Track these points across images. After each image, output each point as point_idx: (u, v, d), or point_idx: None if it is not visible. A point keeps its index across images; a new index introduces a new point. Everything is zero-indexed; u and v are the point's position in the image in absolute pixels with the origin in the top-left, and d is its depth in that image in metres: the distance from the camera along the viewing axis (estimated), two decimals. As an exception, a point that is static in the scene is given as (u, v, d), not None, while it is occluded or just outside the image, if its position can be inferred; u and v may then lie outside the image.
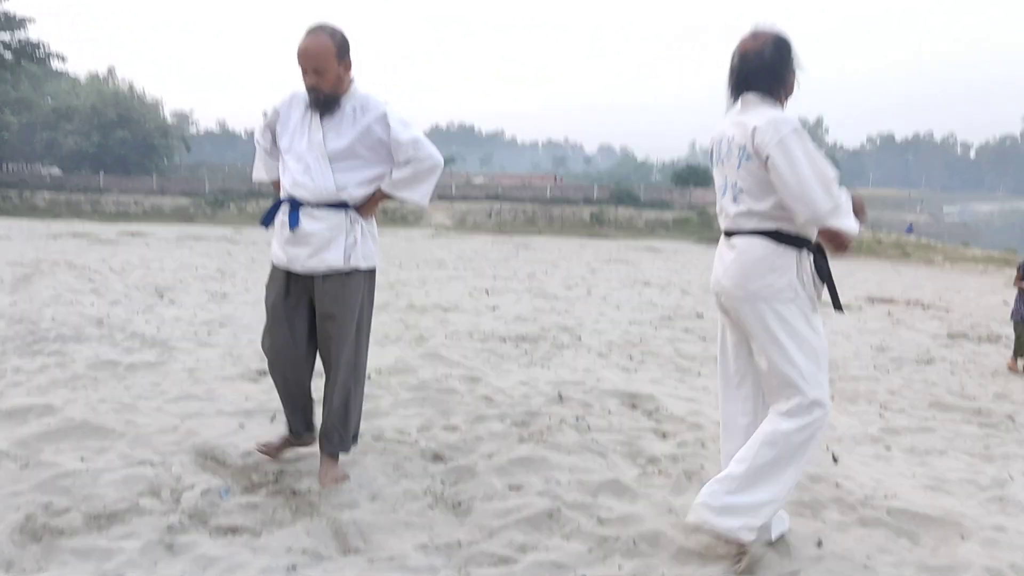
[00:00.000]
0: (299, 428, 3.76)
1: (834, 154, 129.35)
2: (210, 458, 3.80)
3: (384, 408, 4.73)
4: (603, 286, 13.31)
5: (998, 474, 4.39)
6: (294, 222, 3.43)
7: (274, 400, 4.72)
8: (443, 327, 7.79)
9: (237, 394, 4.90)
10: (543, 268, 16.50)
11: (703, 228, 37.67)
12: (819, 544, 3.24)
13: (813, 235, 3.01)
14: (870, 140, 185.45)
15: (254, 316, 8.03)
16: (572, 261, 19.62)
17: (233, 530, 3.06)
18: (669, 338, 8.18)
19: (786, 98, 3.07)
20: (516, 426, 4.45)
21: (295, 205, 3.44)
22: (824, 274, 3.03)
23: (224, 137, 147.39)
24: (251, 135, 7.21)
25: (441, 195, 42.90)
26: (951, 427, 5.41)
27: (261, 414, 4.50)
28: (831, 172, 2.87)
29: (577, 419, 4.66)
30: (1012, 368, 7.67)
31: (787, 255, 2.97)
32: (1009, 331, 10.43)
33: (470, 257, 18.67)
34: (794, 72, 3.04)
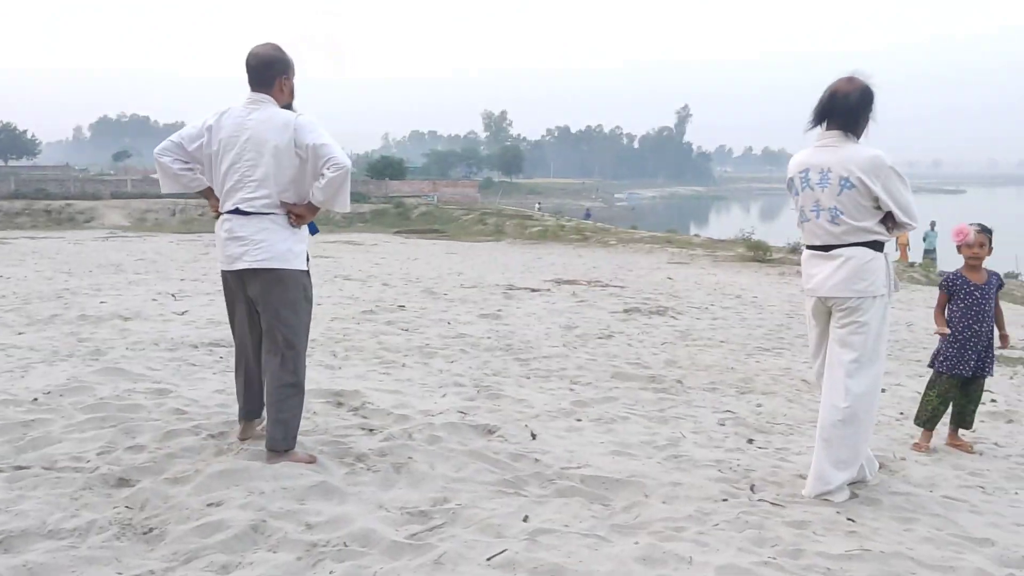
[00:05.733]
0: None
1: (519, 145, 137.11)
2: None
3: (56, 434, 4.19)
4: (302, 282, 12.98)
5: (672, 434, 4.89)
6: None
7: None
8: (123, 338, 7.12)
9: None
10: (237, 267, 15.69)
11: (400, 219, 38.18)
12: (525, 519, 3.39)
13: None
14: (549, 132, 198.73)
15: None
16: (268, 258, 18.87)
17: None
18: (372, 331, 8.16)
19: (860, 138, 3.75)
20: (213, 438, 4.17)
21: None
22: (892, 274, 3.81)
23: None
24: None
25: (115, 192, 39.34)
26: (631, 395, 5.94)
27: None
28: None
29: (280, 423, 4.46)
30: (923, 447, 4.92)
31: (880, 259, 3.74)
32: (676, 303, 11.73)
33: (153, 259, 17.28)
34: (869, 120, 3.74)
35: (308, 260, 3.93)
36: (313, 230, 4.00)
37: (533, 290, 12.93)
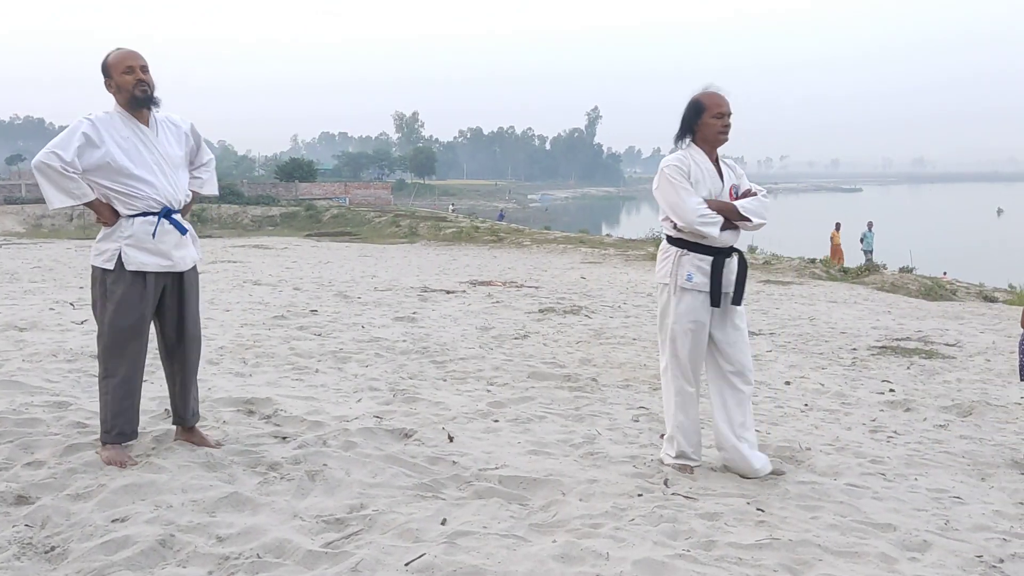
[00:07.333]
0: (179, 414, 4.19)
1: (431, 146, 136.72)
2: None
3: (-55, 452, 3.97)
4: (209, 288, 12.62)
5: (588, 432, 4.95)
6: (183, 228, 3.95)
7: None
8: (19, 349, 6.79)
9: None
10: (140, 273, 15.13)
11: (311, 222, 37.56)
12: (443, 522, 3.37)
13: (700, 241, 4.02)
14: (461, 134, 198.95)
15: None
16: (173, 264, 18.27)
17: None
18: (284, 337, 7.99)
19: (708, 142, 4.06)
20: (117, 451, 4.01)
21: (169, 212, 3.88)
22: (715, 273, 4.03)
23: None
24: None
25: (9, 198, 37.57)
26: (547, 394, 5.98)
27: None
28: (693, 197, 3.96)
29: (188, 434, 4.33)
30: None
31: (669, 251, 4.13)
32: (589, 303, 11.86)
33: (50, 267, 16.54)
34: (705, 122, 4.01)
35: (123, 258, 3.80)
36: (180, 229, 4.00)
37: (448, 292, 12.90)
